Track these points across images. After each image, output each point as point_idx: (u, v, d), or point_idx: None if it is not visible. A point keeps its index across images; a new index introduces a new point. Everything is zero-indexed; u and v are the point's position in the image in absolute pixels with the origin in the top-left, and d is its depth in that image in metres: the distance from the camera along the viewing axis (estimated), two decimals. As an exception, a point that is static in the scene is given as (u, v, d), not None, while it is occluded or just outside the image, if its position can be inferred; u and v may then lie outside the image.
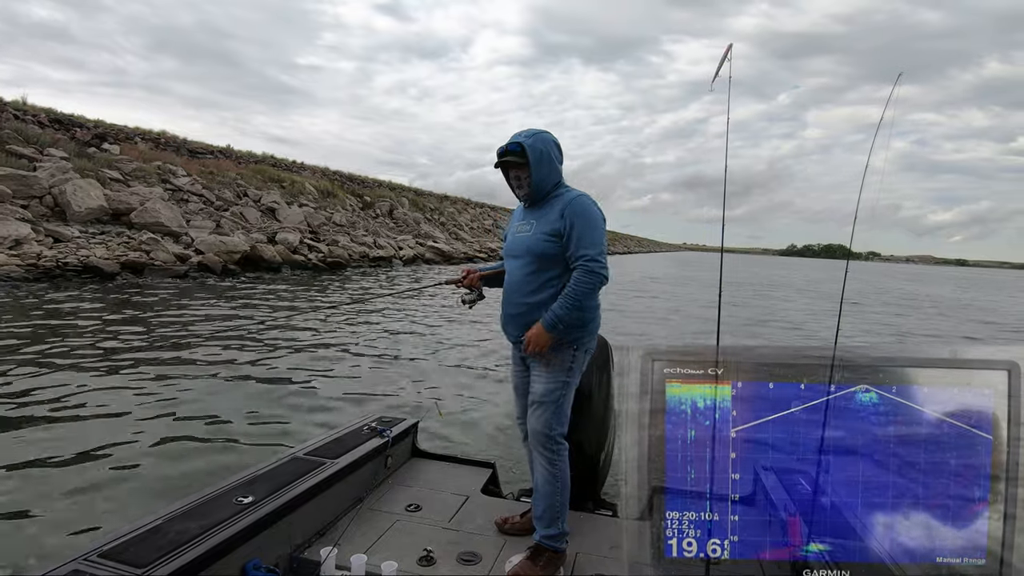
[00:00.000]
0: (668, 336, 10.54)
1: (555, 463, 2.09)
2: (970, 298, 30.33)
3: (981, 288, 45.02)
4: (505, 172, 2.18)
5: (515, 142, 2.07)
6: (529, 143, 2.05)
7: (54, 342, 6.60)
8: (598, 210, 2.07)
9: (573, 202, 2.04)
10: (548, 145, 2.09)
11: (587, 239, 1.99)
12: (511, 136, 2.13)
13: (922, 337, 12.84)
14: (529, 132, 2.11)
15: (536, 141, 2.07)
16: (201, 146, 25.48)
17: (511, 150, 2.06)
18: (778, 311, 16.87)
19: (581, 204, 2.04)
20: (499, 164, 2.13)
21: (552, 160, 2.09)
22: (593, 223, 2.02)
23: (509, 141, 2.10)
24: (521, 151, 2.05)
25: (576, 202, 2.04)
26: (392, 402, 5.27)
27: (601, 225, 2.05)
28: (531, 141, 2.06)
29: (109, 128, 20.97)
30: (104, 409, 4.52)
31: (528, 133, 2.10)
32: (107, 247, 14.12)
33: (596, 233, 2.01)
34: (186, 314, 9.15)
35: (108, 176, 17.20)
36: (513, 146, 2.07)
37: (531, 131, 2.11)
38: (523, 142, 2.06)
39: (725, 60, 1.72)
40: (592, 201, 2.08)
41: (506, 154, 2.07)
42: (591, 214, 2.03)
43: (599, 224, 2.04)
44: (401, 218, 34.25)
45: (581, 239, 1.99)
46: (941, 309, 21.88)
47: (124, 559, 1.57)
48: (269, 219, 22.08)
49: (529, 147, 2.05)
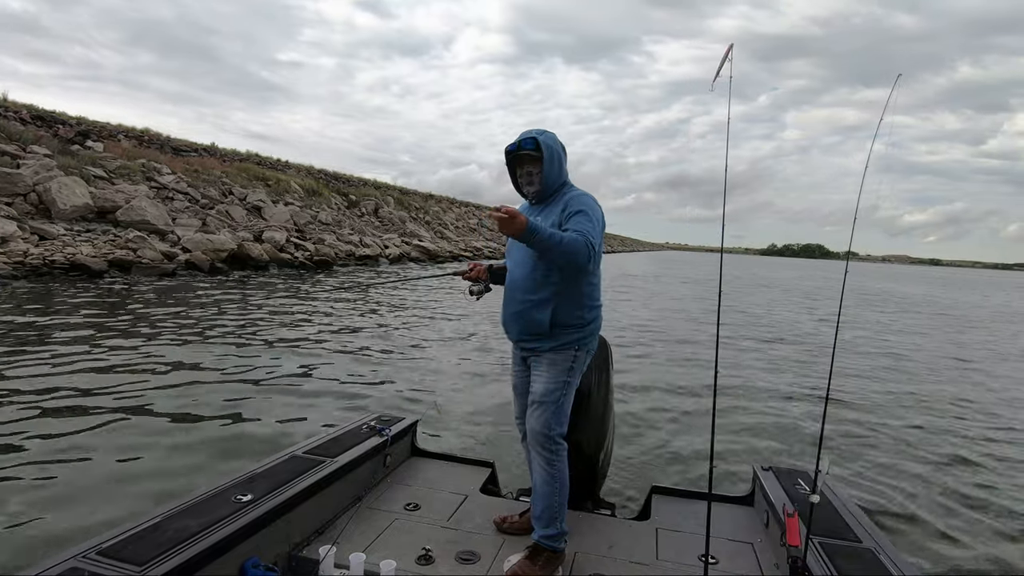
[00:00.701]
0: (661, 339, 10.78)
1: (553, 463, 2.08)
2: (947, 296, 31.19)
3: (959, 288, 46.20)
4: (513, 168, 2.20)
5: (529, 138, 2.09)
6: (543, 140, 2.09)
7: (52, 340, 6.70)
8: (599, 209, 2.08)
9: (576, 197, 2.07)
10: (558, 145, 2.13)
11: (585, 224, 1.96)
12: (520, 134, 2.15)
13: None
14: (539, 131, 2.13)
15: (548, 139, 2.10)
16: (185, 143, 25.32)
17: (526, 146, 2.09)
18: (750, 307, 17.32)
19: (584, 199, 2.06)
20: (512, 157, 2.14)
21: (561, 160, 2.14)
22: (593, 217, 2.01)
23: (522, 137, 2.12)
24: (536, 147, 2.08)
25: (579, 197, 2.07)
26: (391, 401, 5.26)
27: (599, 221, 2.04)
28: (544, 138, 2.09)
29: (92, 125, 20.78)
30: (103, 408, 4.51)
31: (539, 131, 2.12)
32: (93, 245, 14.10)
33: (594, 225, 1.99)
34: (181, 311, 9.24)
35: (92, 174, 17.10)
36: (528, 142, 2.09)
37: (540, 131, 2.13)
38: (538, 138, 2.09)
39: (726, 60, 1.71)
40: (596, 202, 2.09)
41: (521, 148, 2.10)
42: (592, 209, 2.04)
43: (598, 219, 2.03)
44: (386, 217, 34.29)
45: (580, 223, 1.97)
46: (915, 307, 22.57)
47: (123, 556, 1.57)
48: (255, 217, 22.06)
49: (544, 144, 2.08)
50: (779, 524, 2.16)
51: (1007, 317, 20.38)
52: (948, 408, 6.41)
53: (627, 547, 2.27)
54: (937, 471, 4.37)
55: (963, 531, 3.45)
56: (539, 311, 2.07)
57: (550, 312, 2.06)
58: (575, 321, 2.09)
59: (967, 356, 10.47)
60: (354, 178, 37.51)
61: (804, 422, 5.33)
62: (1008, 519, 3.67)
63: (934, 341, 12.28)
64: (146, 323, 8.05)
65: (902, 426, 5.53)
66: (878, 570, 1.80)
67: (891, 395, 6.80)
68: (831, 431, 4.95)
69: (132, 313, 8.77)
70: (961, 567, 3.06)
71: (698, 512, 2.43)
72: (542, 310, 2.06)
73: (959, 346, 11.73)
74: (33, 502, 3.04)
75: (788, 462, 3.76)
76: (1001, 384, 8.05)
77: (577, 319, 2.09)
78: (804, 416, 5.54)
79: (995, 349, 11.71)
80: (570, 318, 2.08)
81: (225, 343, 7.15)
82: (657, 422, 5.11)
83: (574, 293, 2.08)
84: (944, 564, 3.06)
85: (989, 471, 4.48)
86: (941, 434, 5.36)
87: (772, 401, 6.11)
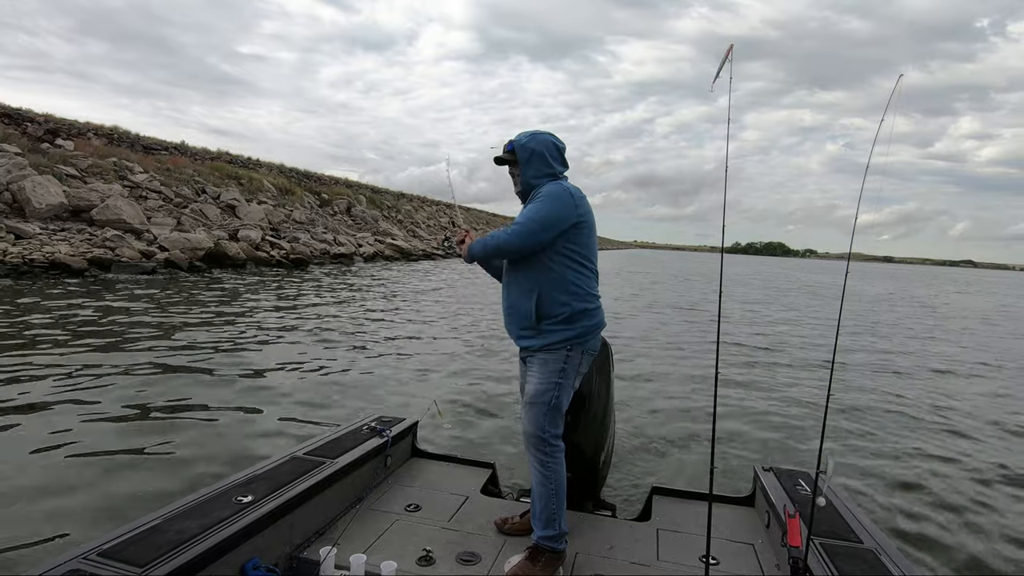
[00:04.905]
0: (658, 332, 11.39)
1: (547, 464, 2.07)
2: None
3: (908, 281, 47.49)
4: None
5: (511, 141, 2.20)
6: (522, 143, 2.16)
7: (51, 337, 6.95)
8: (563, 196, 2.07)
9: (540, 190, 2.12)
10: (542, 145, 2.16)
11: (528, 211, 2.07)
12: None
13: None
14: (528, 133, 2.20)
15: (530, 141, 2.15)
16: (155, 141, 25.12)
17: (507, 149, 2.20)
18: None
19: (547, 187, 2.11)
20: (498, 162, 2.25)
21: (544, 159, 2.15)
22: (544, 202, 2.05)
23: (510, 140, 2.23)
24: (512, 151, 2.18)
25: (545, 187, 2.11)
26: (392, 402, 5.24)
27: (551, 205, 2.04)
28: (525, 141, 2.16)
29: (60, 123, 20.55)
30: (101, 407, 4.50)
31: (527, 134, 2.19)
32: (71, 244, 14.17)
33: (538, 208, 2.05)
34: (173, 309, 9.43)
35: (64, 172, 17.05)
36: (509, 146, 2.20)
37: (530, 132, 2.20)
38: (516, 141, 2.18)
39: (726, 61, 1.70)
40: (562, 188, 2.09)
41: (505, 153, 2.22)
42: (549, 195, 2.07)
43: (548, 203, 2.05)
44: (359, 215, 34.48)
45: (522, 213, 2.10)
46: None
47: (123, 558, 1.57)
48: (229, 216, 22.13)
49: (519, 147, 2.15)
50: (780, 525, 2.17)
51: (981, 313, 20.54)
52: (948, 408, 6.34)
53: (628, 548, 2.28)
54: (938, 471, 4.37)
55: (964, 531, 3.42)
56: (524, 300, 2.12)
57: (534, 300, 2.08)
58: (562, 311, 2.07)
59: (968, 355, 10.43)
60: (325, 176, 37.54)
61: (805, 422, 5.32)
62: (1009, 519, 3.63)
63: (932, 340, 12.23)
64: (138, 321, 8.14)
65: (902, 426, 5.50)
66: (879, 571, 1.79)
67: (891, 395, 6.74)
68: (831, 431, 4.97)
69: (125, 309, 8.97)
70: (962, 567, 3.03)
71: (699, 513, 2.40)
72: (527, 299, 2.10)
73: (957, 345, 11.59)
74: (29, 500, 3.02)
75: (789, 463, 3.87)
76: (1002, 385, 7.97)
77: (564, 310, 2.07)
78: (804, 416, 5.53)
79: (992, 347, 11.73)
80: (557, 310, 2.08)
81: (218, 341, 7.19)
82: (657, 422, 5.11)
83: (554, 279, 2.08)
84: (946, 565, 3.04)
85: (990, 471, 4.46)
86: (942, 434, 5.33)
87: (773, 401, 6.07)
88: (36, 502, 3.00)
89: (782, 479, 2.52)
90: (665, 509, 2.61)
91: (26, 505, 2.97)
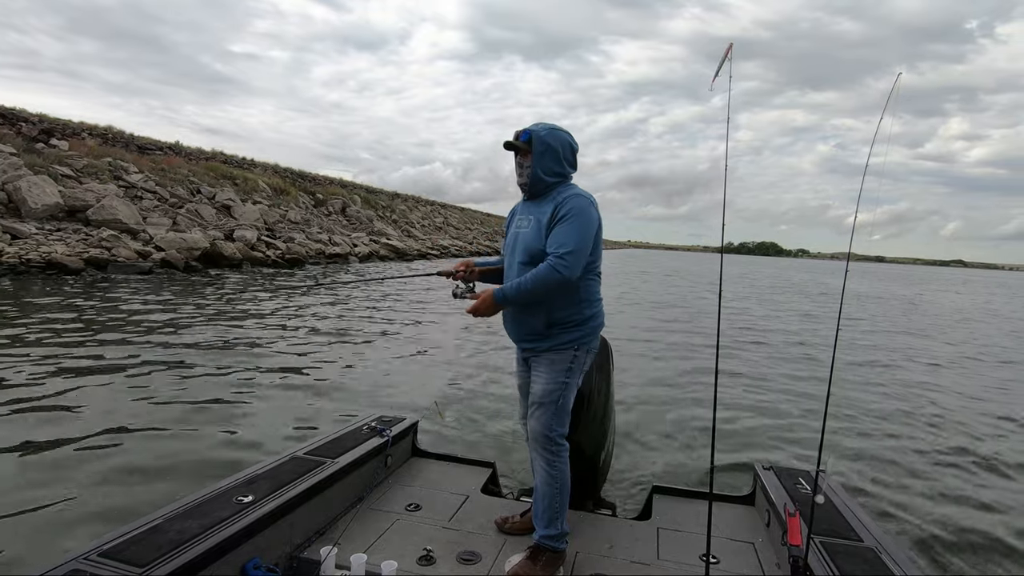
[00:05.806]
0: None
1: (554, 464, 2.08)
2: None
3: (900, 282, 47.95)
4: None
5: (527, 130, 2.10)
6: (540, 135, 2.07)
7: (50, 337, 7.01)
8: (593, 213, 2.03)
9: (568, 199, 2.02)
10: (559, 142, 2.09)
11: (564, 235, 1.96)
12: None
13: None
14: (546, 126, 2.12)
15: (548, 135, 2.08)
16: (149, 141, 25.10)
17: (521, 138, 2.10)
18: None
19: (575, 202, 2.01)
20: (507, 146, 2.15)
21: (558, 158, 2.09)
22: (579, 223, 1.98)
23: (524, 130, 2.14)
24: (528, 140, 2.08)
25: (571, 199, 2.02)
26: (392, 401, 5.23)
27: (588, 228, 2.00)
28: (543, 133, 2.08)
29: (54, 123, 20.52)
30: (99, 406, 4.54)
31: (546, 126, 2.11)
32: (67, 244, 14.19)
33: (577, 233, 1.96)
34: (170, 309, 9.49)
35: (59, 172, 17.04)
36: (524, 134, 2.09)
37: (548, 125, 2.12)
38: (533, 131, 2.08)
39: (725, 60, 1.68)
40: (590, 203, 2.04)
41: (518, 140, 2.13)
42: (581, 214, 1.99)
43: (586, 226, 1.99)
44: (354, 216, 34.52)
45: (560, 234, 1.97)
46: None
47: (124, 558, 1.57)
48: (225, 216, 22.14)
49: (537, 138, 2.07)
50: (780, 524, 2.17)
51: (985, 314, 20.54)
52: (948, 407, 6.32)
53: (628, 547, 2.28)
54: (939, 470, 4.37)
55: (965, 531, 3.40)
56: (535, 313, 2.07)
57: (545, 313, 2.06)
58: (573, 319, 2.07)
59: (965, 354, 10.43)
60: (320, 177, 37.56)
61: (805, 421, 5.34)
62: (1010, 518, 3.62)
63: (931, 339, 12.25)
64: (136, 321, 8.19)
65: (902, 426, 5.49)
66: (880, 570, 1.80)
67: (889, 394, 6.75)
68: (831, 430, 4.93)
69: (124, 310, 9.03)
70: (963, 567, 3.02)
71: (699, 512, 2.41)
72: (538, 312, 2.06)
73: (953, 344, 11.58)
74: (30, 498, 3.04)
75: (789, 462, 3.70)
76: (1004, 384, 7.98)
77: (576, 316, 2.08)
78: (805, 415, 5.54)
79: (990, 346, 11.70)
80: (568, 316, 2.07)
81: (218, 341, 7.21)
82: (657, 421, 5.12)
83: (570, 292, 2.05)
84: (946, 564, 3.04)
85: (991, 470, 4.46)
86: (942, 434, 5.32)
87: (773, 401, 6.07)
88: (36, 502, 3.01)
89: (782, 478, 2.52)
90: (665, 508, 2.62)
91: (26, 505, 2.98)
